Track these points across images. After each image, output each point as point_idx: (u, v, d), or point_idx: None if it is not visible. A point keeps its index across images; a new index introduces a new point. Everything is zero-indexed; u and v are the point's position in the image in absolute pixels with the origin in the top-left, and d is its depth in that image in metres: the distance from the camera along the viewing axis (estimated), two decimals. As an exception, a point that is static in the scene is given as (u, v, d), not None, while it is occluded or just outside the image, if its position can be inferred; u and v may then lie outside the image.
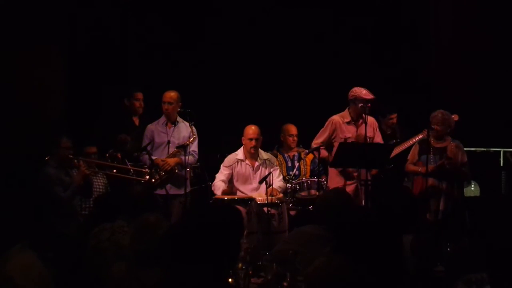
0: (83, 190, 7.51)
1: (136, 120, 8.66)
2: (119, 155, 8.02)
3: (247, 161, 8.03)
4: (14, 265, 3.93)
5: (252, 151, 7.99)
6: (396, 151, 8.44)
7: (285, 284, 4.73)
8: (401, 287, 3.86)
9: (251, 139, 7.95)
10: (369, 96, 7.90)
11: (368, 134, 7.93)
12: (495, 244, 3.44)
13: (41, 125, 8.34)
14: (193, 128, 8.09)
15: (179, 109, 8.13)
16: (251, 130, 7.97)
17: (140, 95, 8.65)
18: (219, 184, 7.93)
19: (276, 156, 8.74)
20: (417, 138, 8.39)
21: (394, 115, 9.13)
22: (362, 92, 7.92)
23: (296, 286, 4.72)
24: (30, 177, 7.58)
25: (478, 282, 3.37)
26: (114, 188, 7.99)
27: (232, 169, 8.03)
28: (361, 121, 8.07)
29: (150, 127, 8.25)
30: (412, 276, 4.23)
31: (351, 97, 8.01)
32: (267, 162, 8.08)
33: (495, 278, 3.17)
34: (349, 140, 7.94)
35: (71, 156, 7.42)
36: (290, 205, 8.28)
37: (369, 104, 7.90)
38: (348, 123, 8.09)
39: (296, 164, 8.83)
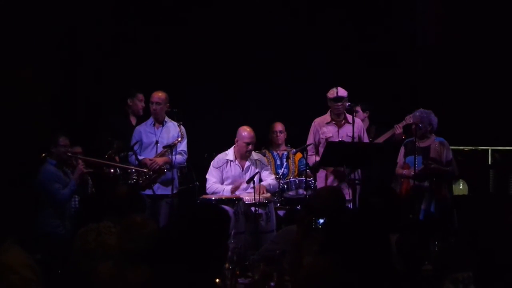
0: (80, 188, 7.53)
1: (133, 120, 8.65)
2: (117, 158, 8.04)
3: (237, 162, 8.01)
4: (12, 256, 3.98)
5: (248, 154, 7.96)
6: (381, 139, 8.53)
7: (272, 284, 4.72)
8: (389, 286, 3.86)
9: (248, 144, 7.91)
10: (333, 94, 8.00)
11: (349, 134, 7.97)
12: (483, 243, 3.44)
13: (32, 124, 8.31)
14: (182, 127, 8.08)
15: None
16: (248, 134, 7.90)
17: (142, 96, 8.64)
18: (216, 186, 7.90)
19: (265, 155, 8.73)
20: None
21: (357, 108, 9.05)
22: (330, 91, 8.02)
23: (284, 285, 4.72)
24: (26, 176, 7.58)
25: (465, 281, 3.37)
26: (99, 189, 7.99)
27: (222, 170, 8.00)
28: (343, 121, 8.11)
29: (139, 128, 8.26)
30: (400, 275, 4.22)
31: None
32: (257, 162, 8.06)
33: (480, 277, 3.17)
34: (330, 140, 7.98)
35: (69, 154, 7.46)
36: (278, 204, 8.27)
37: (339, 103, 7.94)
38: (328, 123, 8.14)
39: (285, 163, 8.83)
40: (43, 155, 7.42)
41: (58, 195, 7.27)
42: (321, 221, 6.20)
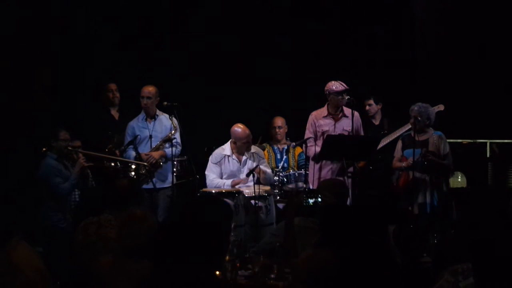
0: (80, 182, 7.54)
1: (115, 114, 8.64)
2: (117, 152, 8.05)
3: (234, 156, 8.00)
4: (20, 255, 3.96)
5: (248, 150, 7.96)
6: (383, 142, 8.47)
7: (272, 276, 4.75)
8: (388, 278, 3.88)
9: (245, 143, 7.90)
10: (340, 87, 7.96)
11: (346, 128, 7.96)
12: (481, 235, 3.46)
13: (30, 119, 8.30)
14: (174, 119, 8.09)
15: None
16: (242, 133, 7.87)
17: (112, 86, 8.63)
18: (217, 181, 7.88)
19: (264, 149, 8.74)
20: (404, 129, 8.42)
21: (370, 101, 9.07)
22: (334, 85, 8.00)
23: (283, 278, 4.74)
24: (26, 170, 7.58)
25: (464, 273, 3.38)
26: (98, 182, 8.00)
27: (220, 165, 8.00)
28: (340, 114, 8.11)
29: (131, 124, 8.24)
30: (399, 267, 4.25)
31: (325, 91, 8.08)
32: (254, 155, 8.06)
33: (479, 269, 3.18)
34: (327, 134, 7.98)
35: (70, 148, 7.47)
36: (278, 197, 8.28)
37: (344, 95, 7.94)
38: (325, 117, 8.13)
39: (285, 157, 8.84)
40: (44, 149, 7.43)
41: (59, 189, 7.28)
42: (311, 200, 6.22)
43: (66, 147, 7.43)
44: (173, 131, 8.08)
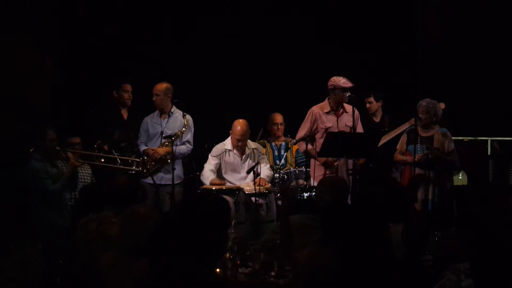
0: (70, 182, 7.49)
1: (125, 113, 8.60)
2: (106, 147, 8.00)
3: (235, 151, 7.99)
4: None
5: (240, 147, 7.94)
6: (384, 140, 8.45)
7: (272, 273, 4.74)
8: (389, 276, 3.86)
9: (238, 140, 7.87)
10: (348, 84, 7.93)
11: (348, 124, 7.94)
12: (482, 232, 3.44)
13: (25, 117, 8.27)
14: (186, 118, 8.09)
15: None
16: (239, 130, 7.83)
17: (128, 87, 8.60)
18: (207, 174, 7.89)
19: (264, 145, 8.73)
20: (404, 127, 8.41)
21: (370, 99, 9.05)
22: (341, 80, 7.95)
23: (284, 275, 4.73)
24: (15, 171, 7.52)
25: (467, 272, 3.37)
26: (99, 178, 7.97)
27: (220, 159, 7.99)
28: (341, 110, 8.09)
29: (146, 119, 8.30)
30: (400, 265, 4.23)
31: (330, 86, 8.04)
32: (255, 151, 8.04)
33: (479, 268, 3.17)
34: (330, 130, 7.94)
35: (58, 148, 7.39)
36: (278, 194, 8.26)
37: (348, 93, 7.91)
38: (327, 113, 8.09)
39: (283, 154, 8.82)
40: (31, 150, 7.34)
41: (48, 191, 7.16)
42: (306, 194, 6.17)
43: (54, 147, 7.34)
44: (184, 129, 8.07)
